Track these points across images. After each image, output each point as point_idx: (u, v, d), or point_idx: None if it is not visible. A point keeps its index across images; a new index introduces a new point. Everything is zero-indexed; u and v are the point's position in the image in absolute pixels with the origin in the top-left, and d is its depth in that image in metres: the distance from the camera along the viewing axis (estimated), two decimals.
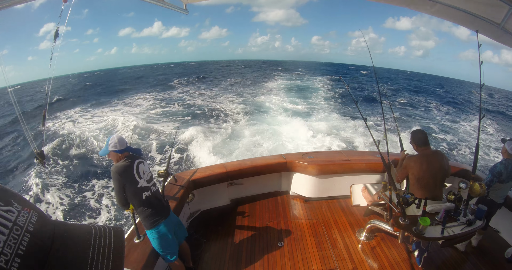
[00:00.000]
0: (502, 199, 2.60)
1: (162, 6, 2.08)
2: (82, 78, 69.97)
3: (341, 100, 19.63)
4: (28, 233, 0.30)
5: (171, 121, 14.18)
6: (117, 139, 1.92)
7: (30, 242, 0.29)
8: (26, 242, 0.29)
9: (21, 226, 0.30)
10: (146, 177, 2.00)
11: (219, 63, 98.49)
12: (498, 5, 1.47)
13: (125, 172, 1.90)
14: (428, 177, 2.41)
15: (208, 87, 27.23)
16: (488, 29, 1.73)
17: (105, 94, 27.49)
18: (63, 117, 16.58)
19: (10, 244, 0.27)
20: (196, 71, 59.41)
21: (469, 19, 1.81)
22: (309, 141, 10.30)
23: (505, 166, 2.46)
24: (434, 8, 1.93)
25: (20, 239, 0.29)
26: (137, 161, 1.99)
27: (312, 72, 47.68)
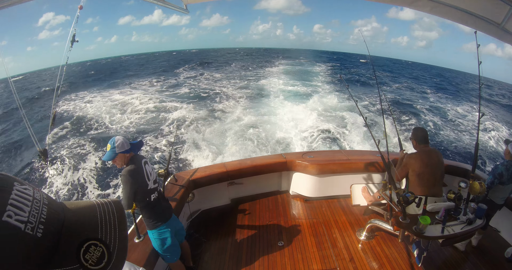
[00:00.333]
0: (502, 200, 2.60)
1: (162, 5, 2.08)
2: (85, 66, 70.03)
3: (339, 86, 19.92)
4: (45, 205, 0.35)
5: (175, 109, 14.50)
6: (122, 139, 1.84)
7: (49, 212, 0.34)
8: (45, 212, 0.34)
9: (39, 200, 0.35)
10: (153, 177, 1.97)
11: (220, 51, 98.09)
12: (499, 5, 1.47)
13: (138, 175, 1.85)
14: (428, 173, 2.44)
15: (210, 73, 27.74)
16: (488, 29, 1.74)
17: (112, 79, 27.92)
18: (75, 100, 16.96)
19: (34, 213, 0.32)
20: (198, 57, 59.63)
21: (469, 19, 1.81)
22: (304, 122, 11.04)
23: (506, 167, 2.46)
24: (434, 8, 1.93)
25: (40, 210, 0.34)
26: (143, 161, 1.95)
27: (313, 60, 47.88)
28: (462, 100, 20.87)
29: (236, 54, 70.72)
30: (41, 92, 23.81)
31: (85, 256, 0.33)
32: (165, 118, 13.57)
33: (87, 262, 0.33)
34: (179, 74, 28.25)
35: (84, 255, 0.33)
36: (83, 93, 19.96)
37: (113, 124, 12.74)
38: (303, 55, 62.73)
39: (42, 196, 0.36)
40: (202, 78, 24.24)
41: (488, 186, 2.46)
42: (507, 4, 1.42)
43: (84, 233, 0.35)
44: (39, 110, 17.21)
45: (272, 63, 38.10)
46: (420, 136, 2.57)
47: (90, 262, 0.33)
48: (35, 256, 0.30)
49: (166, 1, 2.06)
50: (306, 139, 10.06)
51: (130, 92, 18.69)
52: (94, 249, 0.34)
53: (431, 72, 52.91)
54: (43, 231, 0.32)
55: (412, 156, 2.53)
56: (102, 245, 0.35)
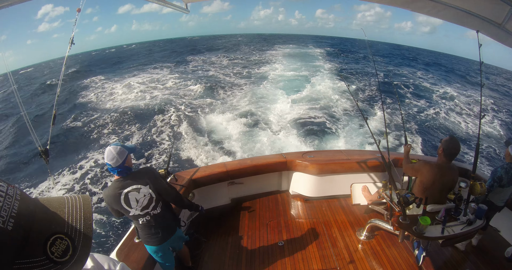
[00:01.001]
0: (503, 202, 2.59)
1: (163, 5, 2.08)
2: (90, 55, 71.09)
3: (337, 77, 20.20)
4: (17, 201, 0.37)
5: (175, 104, 14.62)
6: (107, 152, 1.64)
7: (20, 207, 0.36)
8: (17, 207, 0.36)
9: (11, 195, 0.37)
10: (141, 204, 1.78)
11: (223, 37, 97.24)
12: (500, 5, 1.47)
13: (113, 202, 1.74)
14: (436, 189, 2.33)
15: (212, 60, 28.03)
16: (489, 29, 1.74)
17: (117, 70, 28.23)
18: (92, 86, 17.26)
19: (5, 208, 0.34)
20: (198, 45, 59.93)
21: (470, 19, 1.81)
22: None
23: (506, 170, 2.44)
24: (434, 8, 1.93)
25: (12, 205, 0.35)
26: (126, 191, 1.72)
27: (315, 45, 47.97)
28: (466, 93, 20.61)
29: (237, 40, 69.85)
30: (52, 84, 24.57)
31: (51, 249, 0.35)
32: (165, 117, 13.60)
33: (53, 254, 0.35)
34: (180, 64, 28.11)
35: (51, 248, 0.35)
36: (95, 83, 20.25)
37: (114, 125, 12.77)
38: (306, 41, 62.86)
39: (15, 192, 0.38)
40: (204, 67, 24.39)
41: (488, 189, 2.45)
42: (508, 4, 1.42)
43: (51, 227, 0.37)
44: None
45: (274, 50, 38.34)
46: (451, 149, 2.29)
47: (55, 255, 0.35)
48: (6, 247, 0.32)
49: (167, 1, 2.06)
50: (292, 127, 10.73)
51: (131, 85, 18.69)
52: (60, 242, 0.36)
53: (438, 60, 52.18)
54: (13, 224, 0.33)
55: (426, 166, 2.34)
56: (68, 239, 0.37)
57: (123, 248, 2.03)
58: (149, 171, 1.84)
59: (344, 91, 15.04)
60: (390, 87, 16.53)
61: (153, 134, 11.64)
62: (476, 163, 2.45)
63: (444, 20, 2.07)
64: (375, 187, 3.42)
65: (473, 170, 2.43)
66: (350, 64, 26.38)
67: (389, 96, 15.70)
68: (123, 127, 12.32)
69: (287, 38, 77.89)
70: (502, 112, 16.32)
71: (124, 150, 1.70)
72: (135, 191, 1.75)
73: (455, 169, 2.37)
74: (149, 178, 1.80)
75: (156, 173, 1.88)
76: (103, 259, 0.64)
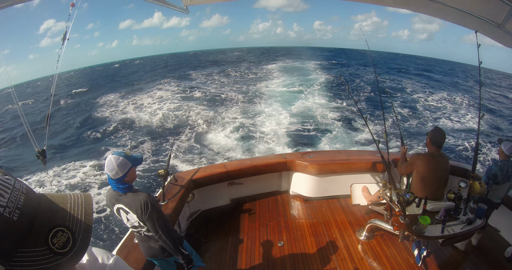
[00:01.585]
0: (499, 199, 2.61)
1: (163, 5, 2.08)
2: (96, 71, 72.34)
3: (334, 89, 20.52)
4: (23, 194, 0.39)
5: (175, 110, 15.08)
6: (108, 162, 1.47)
7: (26, 200, 0.38)
8: (23, 200, 0.38)
9: (18, 189, 0.39)
10: (131, 224, 1.64)
11: (223, 52, 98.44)
12: (499, 5, 1.48)
13: (110, 206, 1.64)
14: (433, 177, 2.38)
15: (214, 76, 28.37)
16: (488, 29, 1.74)
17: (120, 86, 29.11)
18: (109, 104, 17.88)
19: (12, 200, 0.36)
20: (202, 59, 61.08)
21: (469, 19, 1.82)
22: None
23: (500, 168, 2.46)
24: (434, 8, 1.93)
25: (18, 197, 0.38)
26: (118, 206, 1.58)
27: (313, 58, 48.49)
28: (462, 96, 20.89)
29: (235, 54, 70.68)
30: (72, 94, 26.64)
31: (53, 240, 0.37)
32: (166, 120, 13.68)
33: (54, 245, 0.37)
34: (184, 79, 28.64)
35: (52, 239, 0.37)
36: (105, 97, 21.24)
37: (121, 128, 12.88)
38: (303, 53, 63.50)
39: (22, 186, 0.40)
40: (206, 82, 24.88)
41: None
42: (507, 4, 1.42)
43: (54, 220, 0.39)
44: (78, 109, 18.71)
45: (271, 63, 39.01)
46: (437, 138, 2.43)
47: (56, 246, 0.37)
48: (10, 235, 0.34)
49: (166, 1, 2.06)
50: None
51: (137, 96, 19.48)
52: (61, 234, 0.38)
53: (434, 66, 52.89)
54: (19, 215, 0.36)
55: (419, 157, 2.44)
56: (68, 232, 0.39)
57: (123, 248, 2.03)
58: (142, 203, 1.52)
59: (337, 107, 15.50)
60: (386, 89, 16.93)
61: (153, 134, 11.66)
62: (475, 163, 2.45)
63: (444, 20, 2.07)
64: (375, 187, 3.42)
65: (473, 169, 2.44)
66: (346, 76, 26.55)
67: (385, 99, 16.00)
68: (125, 132, 12.41)
69: (285, 51, 79.04)
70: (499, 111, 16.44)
71: (127, 162, 1.49)
72: (124, 212, 1.59)
73: (446, 157, 2.48)
74: (140, 209, 1.53)
75: (150, 209, 1.54)
76: (98, 252, 0.66)
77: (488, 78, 38.99)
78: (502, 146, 2.50)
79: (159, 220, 1.58)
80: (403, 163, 2.63)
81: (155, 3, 2.06)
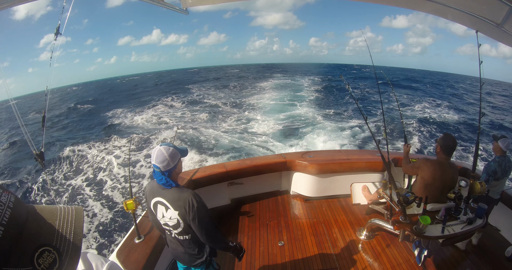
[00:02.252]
0: (498, 195, 2.63)
1: (161, 6, 2.07)
2: (99, 84, 75.79)
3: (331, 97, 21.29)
4: (9, 208, 0.36)
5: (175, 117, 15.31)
6: (157, 153, 1.41)
7: (11, 216, 0.36)
8: (8, 215, 0.35)
9: (4, 203, 0.36)
10: (166, 222, 1.53)
11: (220, 69, 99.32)
12: (498, 5, 1.47)
13: (148, 198, 1.56)
14: (437, 186, 2.33)
15: (212, 92, 28.85)
16: (488, 29, 1.74)
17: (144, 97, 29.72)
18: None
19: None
20: (201, 75, 61.96)
21: (469, 19, 1.81)
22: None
23: (498, 163, 2.48)
24: (434, 8, 1.93)
25: (3, 213, 0.35)
26: (157, 200, 1.51)
27: (310, 73, 49.05)
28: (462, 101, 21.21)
29: (233, 72, 70.83)
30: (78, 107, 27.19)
31: (39, 260, 0.35)
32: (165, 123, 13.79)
33: (39, 266, 0.35)
34: (185, 94, 28.89)
35: (38, 260, 0.35)
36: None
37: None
38: (299, 69, 64.91)
39: (9, 199, 0.37)
40: (205, 96, 25.36)
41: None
42: (507, 4, 1.42)
43: (40, 239, 0.37)
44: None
45: (267, 79, 39.69)
46: (447, 145, 2.32)
47: (42, 267, 0.35)
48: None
49: (166, 2, 2.06)
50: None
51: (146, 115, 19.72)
52: (48, 255, 0.36)
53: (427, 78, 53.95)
54: (3, 233, 0.33)
55: (427, 163, 2.35)
56: (55, 252, 0.37)
57: (124, 248, 2.03)
58: (188, 201, 1.43)
59: (336, 111, 16.00)
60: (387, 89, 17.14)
61: (153, 134, 11.67)
62: (476, 162, 2.45)
63: (445, 19, 2.07)
64: (375, 186, 3.42)
65: (473, 169, 2.43)
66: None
67: (387, 98, 16.20)
68: (125, 134, 12.49)
69: (282, 68, 79.99)
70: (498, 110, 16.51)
71: (177, 152, 1.44)
72: (163, 207, 1.49)
73: (455, 168, 2.37)
74: (184, 207, 1.43)
75: (196, 207, 1.44)
76: (93, 258, 0.65)
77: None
78: (499, 143, 2.51)
79: (205, 219, 1.48)
80: (408, 163, 2.60)
81: (155, 4, 2.05)
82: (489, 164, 2.53)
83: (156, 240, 2.08)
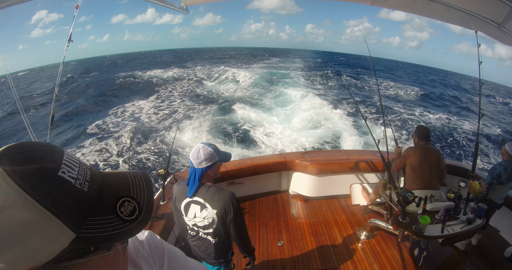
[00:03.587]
0: (502, 200, 2.60)
1: (163, 5, 2.08)
2: (96, 61, 73.71)
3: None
4: (89, 169, 0.43)
5: (174, 111, 15.10)
6: (195, 149, 1.44)
7: (92, 174, 0.42)
8: (89, 173, 0.42)
9: (84, 164, 0.43)
10: (197, 222, 1.51)
11: (218, 50, 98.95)
12: (498, 5, 1.48)
13: (177, 198, 1.55)
14: (424, 167, 2.50)
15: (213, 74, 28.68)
16: (488, 30, 1.74)
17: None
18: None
19: (81, 173, 0.40)
20: (192, 57, 61.47)
21: (469, 20, 1.82)
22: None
23: (504, 167, 2.45)
24: (434, 10, 1.93)
25: (86, 171, 0.42)
26: (188, 201, 1.49)
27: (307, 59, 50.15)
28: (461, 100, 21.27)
29: (229, 53, 70.97)
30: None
31: (121, 209, 0.41)
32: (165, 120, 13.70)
33: (122, 213, 0.41)
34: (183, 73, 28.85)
35: (120, 208, 0.41)
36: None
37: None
38: (296, 54, 65.29)
39: (85, 163, 0.45)
40: (201, 78, 25.13)
41: (487, 187, 2.46)
42: (507, 4, 1.42)
43: (119, 192, 0.43)
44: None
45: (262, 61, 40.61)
46: (422, 133, 2.67)
47: (124, 214, 0.41)
48: (81, 205, 0.38)
49: (166, 1, 2.06)
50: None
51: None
52: (128, 204, 0.42)
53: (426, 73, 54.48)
54: (88, 187, 0.40)
55: (411, 149, 2.64)
56: (134, 202, 0.43)
57: None
58: (229, 200, 1.44)
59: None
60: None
61: (153, 135, 11.66)
62: (475, 162, 2.45)
63: (444, 22, 2.07)
64: (374, 187, 3.42)
65: (473, 169, 2.44)
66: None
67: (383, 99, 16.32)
68: (125, 133, 12.45)
69: (279, 52, 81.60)
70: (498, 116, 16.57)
71: (215, 155, 1.43)
72: (198, 206, 1.47)
73: (438, 150, 2.65)
74: (224, 207, 1.44)
75: (235, 207, 1.46)
76: None
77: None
78: (506, 146, 2.50)
79: (240, 219, 1.52)
80: (397, 159, 2.76)
81: (156, 3, 2.06)
82: (495, 167, 2.51)
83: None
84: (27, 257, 0.33)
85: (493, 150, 10.84)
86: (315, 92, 18.07)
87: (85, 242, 0.37)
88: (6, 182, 0.33)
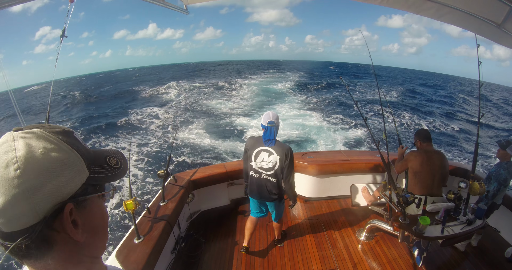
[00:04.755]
0: (501, 199, 2.63)
1: (163, 6, 2.07)
2: (98, 77, 75.92)
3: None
4: (84, 144, 0.57)
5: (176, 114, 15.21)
6: (271, 114, 2.13)
7: (87, 147, 0.56)
8: (88, 147, 0.57)
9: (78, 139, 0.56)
10: (262, 165, 2.14)
11: (219, 64, 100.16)
12: (498, 6, 1.47)
13: (250, 147, 2.18)
14: (426, 172, 2.44)
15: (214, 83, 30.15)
16: (487, 30, 1.73)
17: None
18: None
19: (84, 145, 0.54)
20: (194, 71, 62.25)
21: (468, 20, 1.81)
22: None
23: (508, 171, 2.46)
24: (434, 10, 1.92)
25: (84, 144, 0.56)
26: (261, 148, 2.12)
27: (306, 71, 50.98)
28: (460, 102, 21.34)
29: (231, 66, 71.82)
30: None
31: (109, 162, 0.57)
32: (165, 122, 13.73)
33: (111, 164, 0.57)
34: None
35: (109, 161, 0.57)
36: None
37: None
38: (297, 66, 67.42)
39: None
40: (202, 90, 26.35)
41: (494, 193, 2.46)
42: (506, 4, 1.42)
43: (105, 153, 0.59)
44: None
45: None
46: (422, 134, 2.63)
47: (112, 164, 0.57)
48: (90, 155, 0.53)
49: (166, 1, 2.06)
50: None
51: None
52: (113, 159, 0.59)
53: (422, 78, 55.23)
54: (86, 153, 0.53)
55: (413, 153, 2.58)
56: (116, 158, 0.60)
57: (123, 249, 2.02)
58: (289, 151, 2.11)
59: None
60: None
61: (153, 137, 11.66)
62: (475, 163, 2.45)
63: (443, 22, 2.06)
64: (374, 187, 3.42)
65: (472, 170, 2.43)
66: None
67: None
68: (125, 132, 12.42)
69: (276, 64, 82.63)
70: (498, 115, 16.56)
71: (279, 118, 2.16)
72: (267, 153, 2.11)
73: (442, 154, 2.57)
74: (285, 154, 2.08)
75: (291, 156, 2.12)
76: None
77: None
78: (508, 151, 2.47)
79: (292, 166, 2.17)
80: (399, 162, 2.70)
81: (155, 3, 2.05)
82: (499, 172, 2.49)
83: (155, 240, 2.08)
84: (58, 191, 0.44)
85: (493, 150, 10.83)
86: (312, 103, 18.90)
87: (94, 180, 0.52)
88: (46, 134, 0.47)
